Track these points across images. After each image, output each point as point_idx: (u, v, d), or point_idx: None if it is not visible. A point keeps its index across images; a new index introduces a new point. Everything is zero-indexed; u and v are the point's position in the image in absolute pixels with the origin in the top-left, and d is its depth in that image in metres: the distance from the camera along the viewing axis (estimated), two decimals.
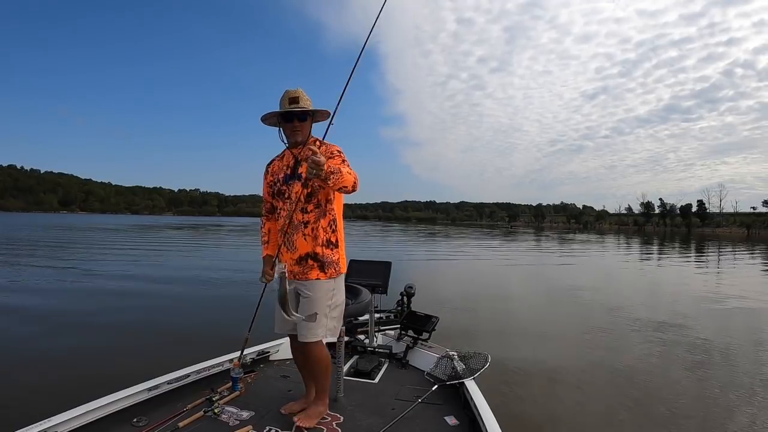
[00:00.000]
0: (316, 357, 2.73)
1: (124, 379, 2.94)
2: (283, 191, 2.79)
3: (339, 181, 2.43)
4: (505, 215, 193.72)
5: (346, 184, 2.50)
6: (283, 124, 2.78)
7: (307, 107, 2.72)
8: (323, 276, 2.71)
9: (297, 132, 2.76)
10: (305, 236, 2.70)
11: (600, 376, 5.39)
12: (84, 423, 2.46)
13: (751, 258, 27.39)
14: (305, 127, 2.78)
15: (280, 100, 2.75)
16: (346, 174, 2.48)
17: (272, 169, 2.91)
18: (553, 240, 45.52)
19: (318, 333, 2.67)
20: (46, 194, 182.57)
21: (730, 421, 4.20)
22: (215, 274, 13.56)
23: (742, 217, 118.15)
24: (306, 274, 2.70)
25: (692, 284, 14.55)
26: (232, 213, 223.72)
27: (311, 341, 2.67)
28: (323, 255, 2.71)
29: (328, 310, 2.72)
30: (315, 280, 2.69)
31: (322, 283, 2.70)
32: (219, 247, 26.49)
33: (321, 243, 2.72)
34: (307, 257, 2.70)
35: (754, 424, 4.13)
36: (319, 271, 2.70)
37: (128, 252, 21.36)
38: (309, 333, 2.65)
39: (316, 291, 2.69)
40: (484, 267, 18.70)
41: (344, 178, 2.46)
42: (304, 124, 2.76)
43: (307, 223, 2.70)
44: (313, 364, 2.77)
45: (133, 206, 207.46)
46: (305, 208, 2.71)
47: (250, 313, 3.19)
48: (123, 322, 7.42)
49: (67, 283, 11.39)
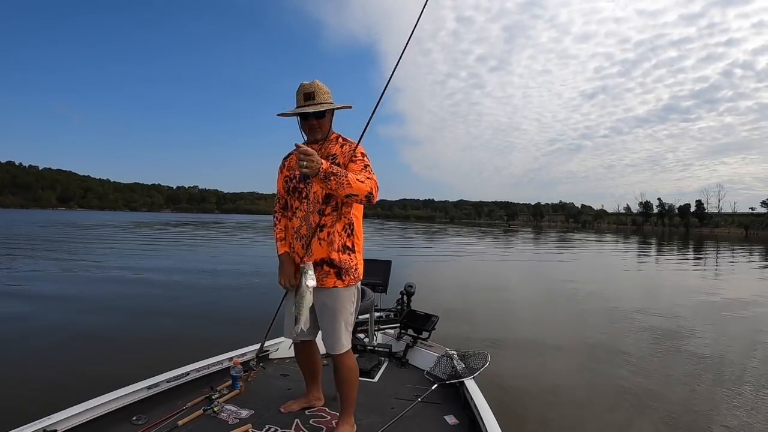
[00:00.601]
0: (348, 367, 2.63)
1: (124, 377, 2.94)
2: (300, 189, 2.58)
3: (343, 186, 2.25)
4: (504, 214, 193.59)
5: (355, 192, 2.29)
6: (300, 120, 2.55)
7: (323, 103, 2.50)
8: (341, 284, 2.55)
9: (315, 129, 2.54)
10: (320, 240, 2.52)
11: (599, 375, 5.41)
12: (83, 421, 2.45)
13: (749, 259, 27.42)
14: (323, 124, 2.55)
15: (296, 94, 2.53)
16: (354, 181, 2.27)
17: (289, 163, 2.68)
18: (552, 239, 45.48)
19: (345, 344, 2.59)
20: (45, 191, 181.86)
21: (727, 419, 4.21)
22: (214, 272, 13.58)
23: (740, 217, 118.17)
24: (322, 281, 2.51)
25: (697, 286, 14.55)
26: (230, 210, 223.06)
27: (341, 353, 2.59)
28: (340, 261, 2.54)
29: (351, 319, 2.63)
30: (332, 288, 2.54)
31: (341, 292, 2.56)
32: (218, 245, 26.41)
33: (337, 248, 2.53)
34: (323, 263, 2.52)
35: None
36: (336, 279, 2.54)
37: (128, 248, 21.32)
38: (337, 345, 2.57)
39: (336, 300, 2.56)
40: (483, 265, 18.72)
41: (352, 184, 2.26)
42: (322, 120, 2.53)
43: (323, 226, 2.52)
44: (345, 374, 2.63)
45: (132, 203, 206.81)
46: (322, 210, 2.51)
47: (251, 311, 3.19)
48: (122, 320, 7.40)
49: (64, 281, 11.39)
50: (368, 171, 2.43)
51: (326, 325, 2.58)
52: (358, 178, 2.30)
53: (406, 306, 4.55)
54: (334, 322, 2.56)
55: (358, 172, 2.38)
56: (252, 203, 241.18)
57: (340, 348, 2.57)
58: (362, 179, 2.32)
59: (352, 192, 2.27)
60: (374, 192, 2.35)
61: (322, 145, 2.57)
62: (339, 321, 2.56)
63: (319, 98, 2.49)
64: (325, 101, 2.51)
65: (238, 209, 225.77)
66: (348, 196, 2.31)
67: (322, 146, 2.57)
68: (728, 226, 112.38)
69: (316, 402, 2.99)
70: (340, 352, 2.58)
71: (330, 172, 2.22)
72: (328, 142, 2.58)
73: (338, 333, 2.56)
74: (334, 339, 2.56)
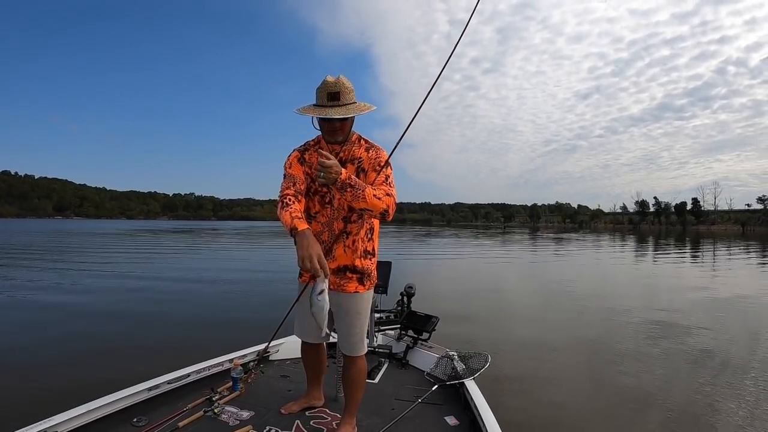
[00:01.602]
0: (360, 368, 2.63)
1: (125, 379, 2.94)
2: (324, 194, 2.44)
3: (359, 199, 2.18)
4: (501, 216, 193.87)
5: (370, 208, 2.22)
6: (319, 120, 2.37)
7: (349, 104, 2.31)
8: (362, 289, 2.53)
9: (337, 132, 2.37)
10: (345, 248, 2.46)
11: (600, 375, 5.41)
12: (84, 423, 2.45)
13: (747, 255, 27.48)
14: (346, 126, 2.37)
15: (317, 91, 2.32)
16: (371, 197, 2.19)
17: (310, 158, 2.45)
18: (549, 241, 45.49)
19: (364, 346, 2.61)
20: (41, 200, 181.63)
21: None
22: (216, 275, 13.57)
23: (736, 214, 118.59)
24: (344, 286, 2.49)
25: (699, 282, 14.57)
26: (227, 217, 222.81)
27: (359, 355, 2.61)
28: (363, 267, 2.51)
29: (368, 321, 2.64)
30: (354, 293, 2.51)
31: (362, 297, 2.54)
32: (217, 251, 26.39)
33: (360, 254, 2.50)
34: (346, 269, 2.48)
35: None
36: (358, 284, 2.51)
37: (128, 255, 21.23)
38: (357, 348, 2.58)
39: (358, 304, 2.54)
40: (483, 266, 18.73)
41: (368, 200, 2.18)
42: (346, 123, 2.36)
43: (349, 233, 2.45)
44: (356, 375, 2.63)
45: (128, 211, 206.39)
46: (348, 218, 2.42)
47: (251, 312, 3.18)
48: (122, 322, 7.41)
49: (64, 287, 11.33)
50: (388, 184, 2.33)
51: (346, 328, 2.57)
52: (375, 194, 2.22)
53: (407, 307, 4.54)
54: (354, 326, 2.56)
55: (378, 184, 2.31)
56: (248, 209, 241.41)
57: (360, 351, 2.59)
58: (380, 195, 2.23)
59: (367, 207, 2.21)
60: (390, 210, 2.28)
61: (343, 146, 2.44)
62: (359, 325, 2.56)
63: (344, 99, 2.30)
64: (350, 101, 2.33)
65: (235, 216, 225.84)
66: (362, 210, 2.25)
67: (344, 147, 2.44)
68: (725, 223, 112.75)
69: (317, 402, 2.98)
70: (359, 354, 2.59)
71: (348, 183, 2.16)
72: (350, 144, 2.45)
73: (358, 336, 2.57)
74: (354, 342, 2.57)
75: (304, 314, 2.52)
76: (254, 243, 34.44)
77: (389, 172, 2.39)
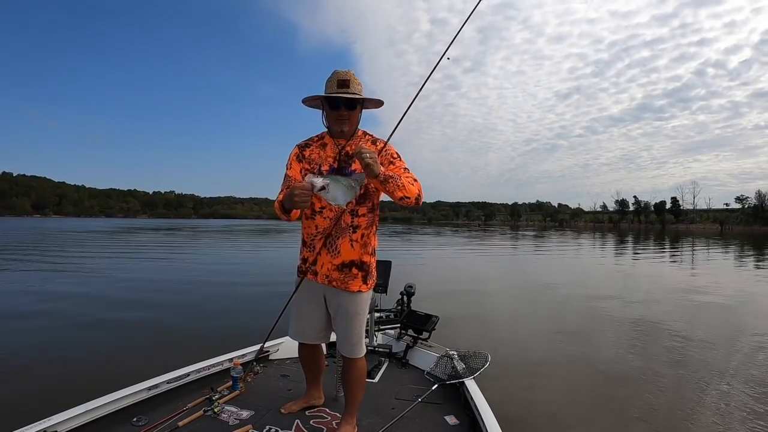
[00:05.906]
0: (360, 368, 2.61)
1: (124, 379, 2.92)
2: None
3: (399, 188, 2.22)
4: (482, 214, 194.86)
5: (408, 195, 2.25)
6: (327, 109, 2.42)
7: (357, 93, 2.39)
8: (365, 288, 2.50)
9: (344, 121, 2.40)
10: (353, 242, 2.42)
11: (600, 375, 5.44)
12: (84, 422, 2.44)
13: (725, 252, 28.00)
14: (354, 117, 2.42)
15: (327, 81, 2.40)
16: (408, 184, 2.24)
17: (310, 155, 2.48)
18: (528, 239, 45.85)
19: (363, 347, 2.59)
20: (19, 198, 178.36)
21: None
22: (211, 275, 13.48)
23: (715, 213, 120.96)
24: (347, 283, 2.45)
25: (682, 281, 14.79)
26: (208, 215, 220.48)
27: (359, 356, 2.58)
28: (369, 264, 2.50)
29: (365, 321, 2.60)
30: (357, 292, 2.48)
31: (363, 296, 2.51)
32: (206, 249, 26.16)
33: (370, 251, 2.49)
34: (352, 265, 2.44)
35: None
36: (362, 282, 2.48)
37: (119, 253, 21.08)
38: (356, 349, 2.55)
39: (359, 304, 2.51)
40: (462, 263, 18.81)
41: (406, 187, 2.24)
42: (353, 112, 2.40)
43: (357, 227, 2.42)
44: (357, 376, 2.60)
45: (108, 209, 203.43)
46: (356, 211, 2.40)
47: (250, 312, 3.15)
48: (122, 321, 7.35)
49: (62, 286, 11.12)
50: (410, 173, 2.39)
51: (346, 328, 2.54)
52: (410, 181, 2.28)
53: (406, 306, 4.54)
54: (353, 328, 2.53)
55: (402, 173, 2.35)
56: (229, 207, 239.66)
57: (359, 352, 2.57)
58: (412, 182, 2.29)
59: (406, 194, 2.24)
60: (422, 194, 2.32)
61: (349, 140, 2.46)
62: (358, 326, 2.54)
63: (353, 88, 2.38)
64: (359, 92, 2.41)
65: (216, 214, 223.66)
66: (401, 199, 2.25)
67: (350, 142, 2.46)
68: (704, 222, 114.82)
69: (317, 401, 2.97)
70: (359, 355, 2.56)
71: (388, 175, 2.19)
72: (356, 138, 2.48)
73: (357, 337, 2.54)
74: (353, 344, 2.55)
75: (298, 316, 2.60)
76: (239, 241, 34.18)
77: (405, 162, 2.45)
